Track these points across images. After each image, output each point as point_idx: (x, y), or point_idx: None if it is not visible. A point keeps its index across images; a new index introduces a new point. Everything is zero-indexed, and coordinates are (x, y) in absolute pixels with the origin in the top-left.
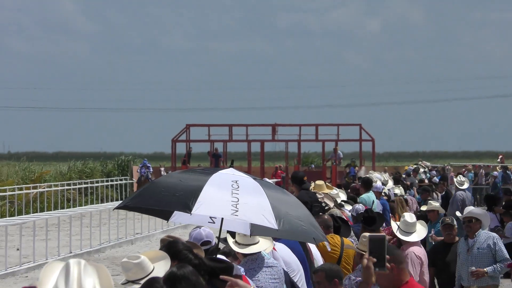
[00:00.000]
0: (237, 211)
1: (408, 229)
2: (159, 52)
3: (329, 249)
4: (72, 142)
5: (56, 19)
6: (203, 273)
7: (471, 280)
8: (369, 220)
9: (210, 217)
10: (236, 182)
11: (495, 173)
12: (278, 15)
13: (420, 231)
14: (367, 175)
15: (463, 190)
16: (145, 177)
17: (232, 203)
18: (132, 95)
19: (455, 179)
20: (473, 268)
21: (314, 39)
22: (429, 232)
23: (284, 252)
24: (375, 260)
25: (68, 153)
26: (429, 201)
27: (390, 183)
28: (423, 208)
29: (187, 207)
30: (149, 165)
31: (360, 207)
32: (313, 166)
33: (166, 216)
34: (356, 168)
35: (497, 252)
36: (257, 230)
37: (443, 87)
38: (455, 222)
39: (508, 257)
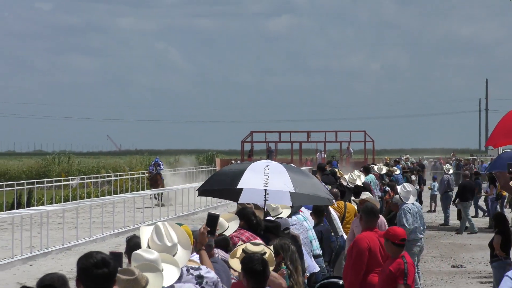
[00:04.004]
0: (267, 184)
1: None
2: (233, 85)
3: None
4: (177, 142)
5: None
6: (260, 230)
7: None
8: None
9: (265, 196)
10: (267, 166)
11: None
12: (311, 58)
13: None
14: (366, 165)
15: (449, 174)
16: (154, 174)
17: (264, 178)
18: (218, 113)
19: (444, 166)
20: None
21: (334, 75)
22: None
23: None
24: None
25: (175, 150)
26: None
27: (384, 169)
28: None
29: (234, 184)
30: (160, 162)
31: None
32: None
33: (235, 198)
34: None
35: None
36: (297, 200)
37: (420, 107)
38: None
39: None
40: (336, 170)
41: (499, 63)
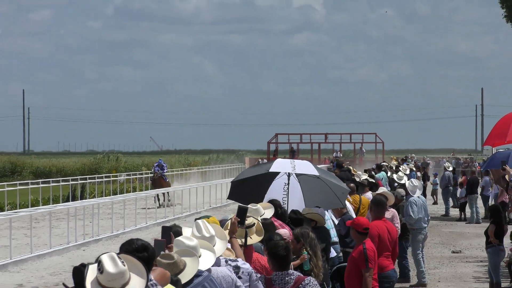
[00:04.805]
0: (294, 169)
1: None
2: (260, 94)
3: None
4: (211, 143)
5: None
6: (286, 219)
7: None
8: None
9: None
10: (293, 161)
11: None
12: (328, 70)
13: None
14: (378, 163)
15: (449, 171)
16: (158, 175)
17: (291, 165)
18: (246, 117)
19: (444, 164)
20: None
21: (348, 84)
22: None
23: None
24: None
25: (209, 150)
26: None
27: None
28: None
29: (267, 169)
30: (164, 164)
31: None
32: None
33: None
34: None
35: None
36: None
37: (424, 112)
38: None
39: None
40: (351, 167)
41: (493, 74)
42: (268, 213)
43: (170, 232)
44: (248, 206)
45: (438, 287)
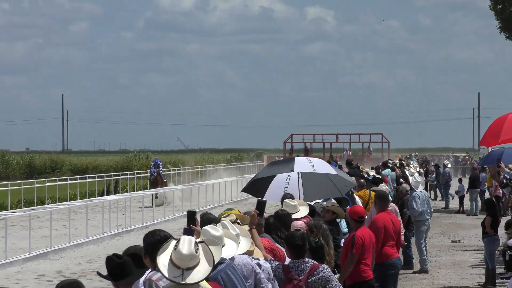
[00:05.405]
0: (314, 169)
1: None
2: (277, 97)
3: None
4: (233, 142)
5: None
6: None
7: None
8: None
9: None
10: (310, 160)
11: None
12: (338, 76)
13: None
14: (384, 161)
15: (448, 167)
16: (155, 176)
17: (310, 165)
18: (265, 119)
19: (443, 162)
20: None
21: (357, 89)
22: None
23: None
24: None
25: (231, 148)
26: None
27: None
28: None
29: (291, 168)
30: (159, 163)
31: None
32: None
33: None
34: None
35: None
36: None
37: (426, 114)
38: None
39: None
40: (359, 165)
41: (489, 79)
42: (303, 211)
43: (195, 216)
44: (286, 200)
45: (439, 273)
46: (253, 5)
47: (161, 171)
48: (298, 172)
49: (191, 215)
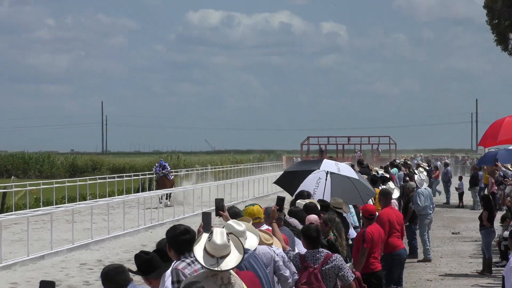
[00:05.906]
0: (339, 170)
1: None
2: (295, 104)
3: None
4: (255, 144)
5: None
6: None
7: None
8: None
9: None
10: (337, 164)
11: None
12: (350, 85)
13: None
14: (391, 161)
15: (449, 166)
16: (160, 176)
17: (335, 166)
18: (284, 123)
19: (445, 161)
20: None
21: (367, 96)
22: None
23: None
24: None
25: (253, 150)
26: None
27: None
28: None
29: (317, 166)
30: (165, 164)
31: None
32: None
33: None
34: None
35: None
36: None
37: (429, 119)
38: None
39: None
40: (369, 164)
41: (486, 87)
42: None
43: (223, 203)
44: (298, 201)
45: (441, 262)
46: (274, 21)
47: (167, 172)
48: (327, 173)
49: (219, 202)
